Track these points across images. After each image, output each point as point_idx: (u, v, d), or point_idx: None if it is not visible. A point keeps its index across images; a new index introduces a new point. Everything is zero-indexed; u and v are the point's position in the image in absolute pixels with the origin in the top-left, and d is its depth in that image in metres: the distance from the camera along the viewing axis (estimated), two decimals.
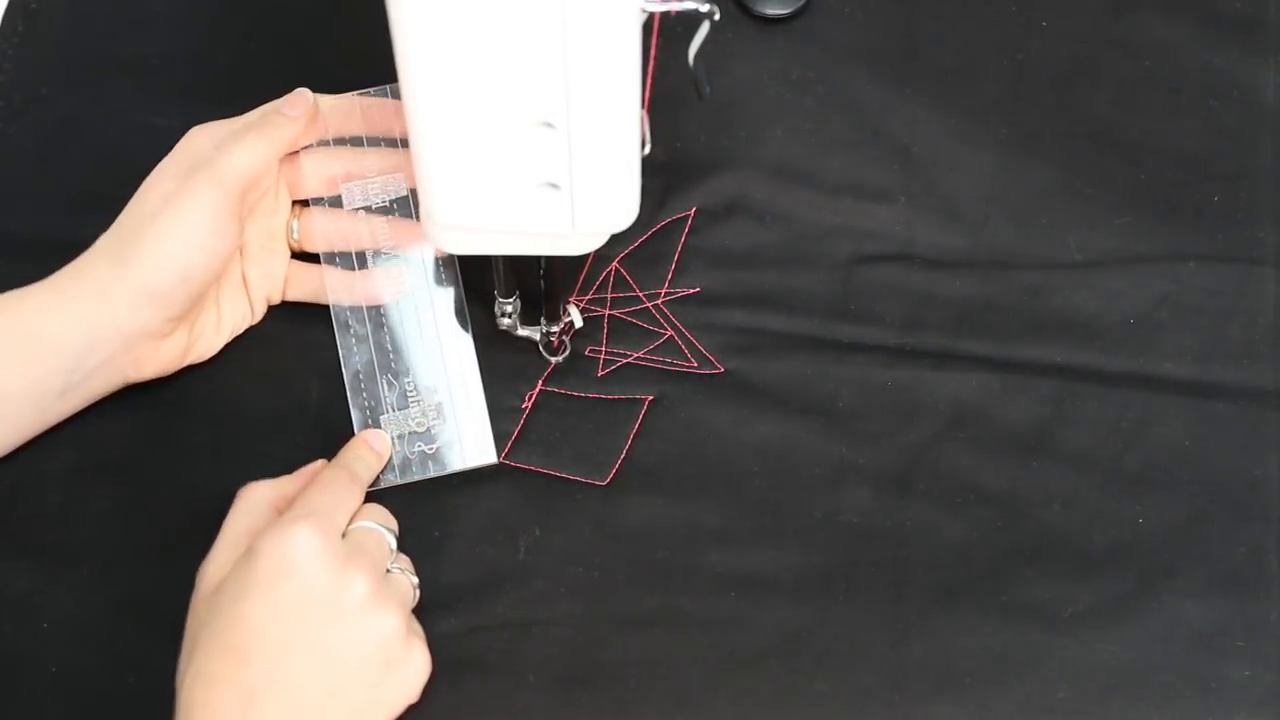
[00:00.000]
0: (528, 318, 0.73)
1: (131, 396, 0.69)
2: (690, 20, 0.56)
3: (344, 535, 0.64)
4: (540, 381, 0.73)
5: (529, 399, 0.73)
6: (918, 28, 0.83)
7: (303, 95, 0.71)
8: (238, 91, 0.74)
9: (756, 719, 0.66)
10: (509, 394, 0.73)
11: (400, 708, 0.64)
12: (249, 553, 0.61)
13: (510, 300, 0.72)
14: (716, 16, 0.56)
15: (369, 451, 0.70)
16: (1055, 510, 0.71)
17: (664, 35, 0.68)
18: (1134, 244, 0.77)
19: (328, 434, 0.71)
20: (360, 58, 0.70)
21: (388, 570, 0.65)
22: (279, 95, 0.72)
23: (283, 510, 0.65)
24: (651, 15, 0.55)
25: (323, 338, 0.73)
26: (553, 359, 0.74)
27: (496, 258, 0.68)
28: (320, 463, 0.69)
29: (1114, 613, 0.68)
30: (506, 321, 0.72)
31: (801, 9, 0.82)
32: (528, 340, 0.74)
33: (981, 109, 0.80)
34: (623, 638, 0.68)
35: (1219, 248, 0.77)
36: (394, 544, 0.66)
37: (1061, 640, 0.68)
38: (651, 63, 0.66)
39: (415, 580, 0.66)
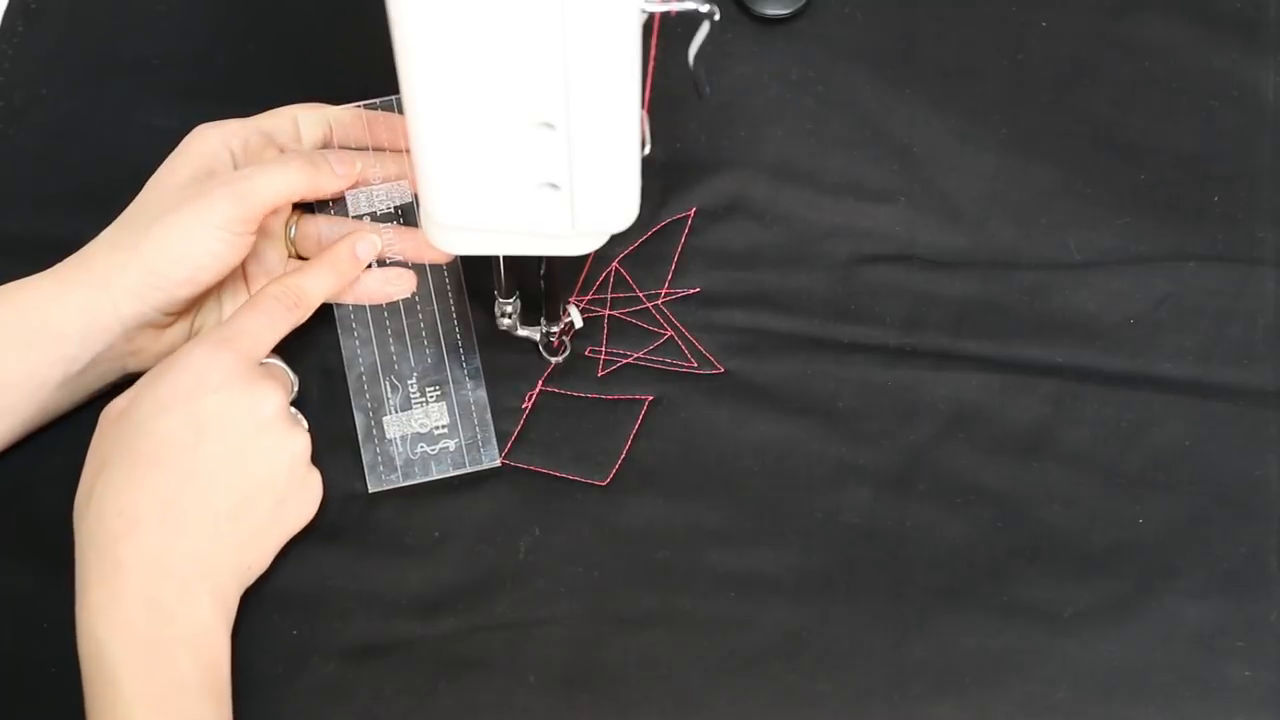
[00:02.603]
0: (528, 318, 0.73)
1: None
2: (690, 20, 0.56)
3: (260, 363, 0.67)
4: (540, 381, 0.73)
5: (529, 399, 0.73)
6: (918, 28, 0.83)
7: (352, 162, 0.71)
8: (238, 91, 0.74)
9: (756, 719, 0.66)
10: (509, 394, 0.73)
11: (293, 531, 0.67)
12: (166, 369, 0.64)
13: (510, 300, 0.72)
14: (716, 16, 0.56)
15: (328, 274, 0.70)
16: (1055, 510, 0.71)
17: (664, 35, 0.68)
18: (1134, 244, 0.77)
19: (329, 434, 0.71)
20: (360, 58, 0.70)
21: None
22: (278, 95, 0.73)
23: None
24: (651, 15, 0.55)
25: (324, 337, 0.73)
26: (553, 359, 0.74)
27: (496, 258, 0.68)
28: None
29: (1114, 613, 0.68)
30: (506, 321, 0.72)
31: (801, 9, 0.82)
32: (528, 340, 0.74)
33: (981, 109, 0.80)
34: (623, 638, 0.68)
35: (1219, 248, 0.77)
36: (295, 390, 0.70)
37: (1061, 640, 0.68)
38: (651, 63, 0.66)
39: (307, 425, 0.69)
